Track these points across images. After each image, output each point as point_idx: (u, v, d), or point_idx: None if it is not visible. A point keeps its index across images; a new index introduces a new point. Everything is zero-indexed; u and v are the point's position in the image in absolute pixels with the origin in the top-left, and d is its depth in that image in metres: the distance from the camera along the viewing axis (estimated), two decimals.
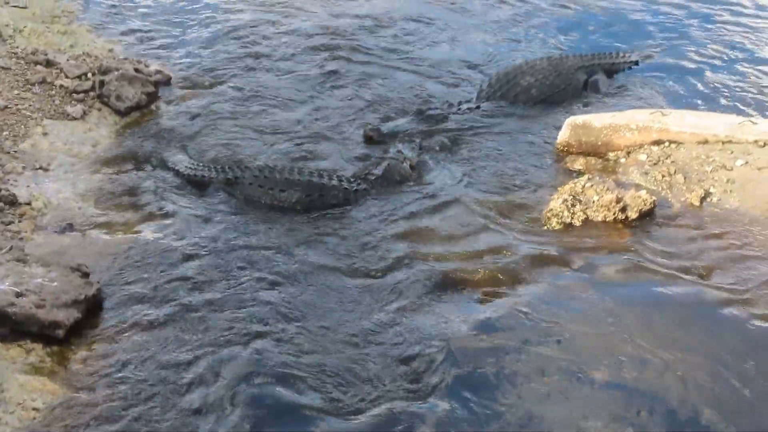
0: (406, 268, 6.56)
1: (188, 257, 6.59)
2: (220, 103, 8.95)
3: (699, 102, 9.19)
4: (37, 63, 8.86)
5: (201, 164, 7.76)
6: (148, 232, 6.86)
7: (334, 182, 7.44)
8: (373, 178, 7.67)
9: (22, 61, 8.86)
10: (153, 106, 8.81)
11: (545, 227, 7.03)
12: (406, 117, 8.86)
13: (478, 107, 9.05)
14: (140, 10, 11.01)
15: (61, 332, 5.67)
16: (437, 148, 8.30)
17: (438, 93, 9.52)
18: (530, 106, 9.17)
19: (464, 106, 9.04)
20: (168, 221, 7.04)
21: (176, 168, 7.74)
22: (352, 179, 7.60)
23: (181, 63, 9.75)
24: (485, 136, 8.62)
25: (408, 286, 6.36)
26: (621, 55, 10.12)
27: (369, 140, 8.46)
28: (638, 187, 7.40)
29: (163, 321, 5.94)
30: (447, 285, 6.38)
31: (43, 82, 8.61)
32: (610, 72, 9.93)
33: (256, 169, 7.54)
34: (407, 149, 8.10)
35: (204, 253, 6.66)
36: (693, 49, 10.48)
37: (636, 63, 10.12)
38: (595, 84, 9.61)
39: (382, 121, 8.79)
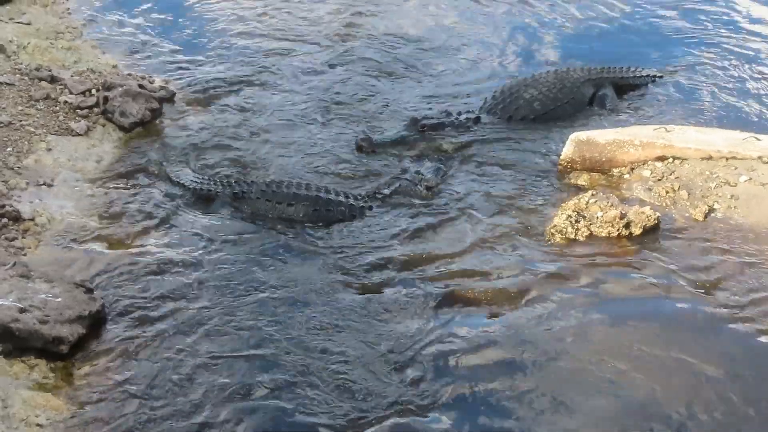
0: (409, 284, 6.56)
1: (193, 272, 6.60)
2: (224, 118, 8.93)
3: (707, 118, 9.06)
4: (41, 79, 8.87)
5: (207, 178, 7.77)
6: (152, 247, 6.87)
7: (341, 198, 7.45)
8: (380, 196, 7.66)
9: (26, 77, 8.87)
10: (157, 122, 8.80)
11: (549, 243, 7.02)
12: (400, 127, 8.83)
13: (477, 118, 8.95)
14: (145, 26, 11.01)
15: (64, 348, 5.67)
16: (440, 163, 8.27)
17: (441, 105, 9.45)
18: (531, 119, 9.03)
19: (463, 117, 8.94)
20: (173, 236, 7.06)
21: (181, 182, 7.74)
22: (358, 196, 7.60)
23: (185, 79, 9.74)
24: (488, 150, 8.58)
25: (410, 302, 6.35)
26: (633, 69, 9.86)
27: (360, 150, 8.45)
28: (642, 203, 7.40)
29: (167, 336, 5.95)
30: (449, 301, 6.38)
31: (47, 98, 8.62)
32: (621, 86, 9.68)
33: (263, 183, 7.55)
34: (431, 171, 7.99)
35: (209, 268, 6.67)
36: (706, 63, 10.29)
37: (657, 77, 9.87)
38: (601, 99, 9.42)
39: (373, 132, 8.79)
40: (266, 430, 5.25)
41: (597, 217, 7.05)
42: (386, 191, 7.72)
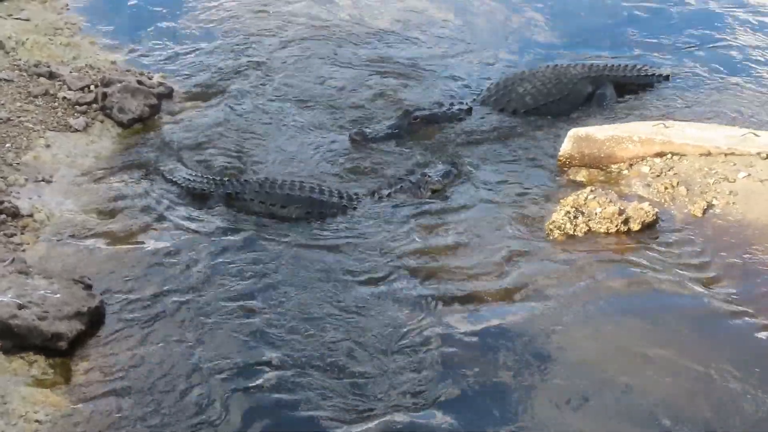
0: (405, 281, 6.56)
1: (189, 268, 6.61)
2: (222, 115, 8.93)
3: (707, 114, 8.99)
4: (39, 75, 8.87)
5: (201, 176, 7.75)
6: (149, 244, 6.88)
7: (335, 199, 7.42)
8: (378, 197, 7.64)
9: (25, 74, 8.87)
10: (155, 118, 8.81)
11: (548, 239, 7.03)
12: (393, 119, 8.82)
13: (470, 109, 8.93)
14: (143, 22, 11.01)
15: (63, 344, 5.68)
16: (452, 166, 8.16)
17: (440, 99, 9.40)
18: (522, 113, 8.98)
19: (455, 108, 8.92)
20: (171, 232, 7.07)
21: (176, 180, 7.74)
22: (353, 196, 7.58)
23: (183, 75, 9.74)
24: (484, 145, 8.58)
25: (407, 299, 6.35)
26: (638, 68, 9.67)
27: (354, 144, 8.44)
28: (641, 199, 7.40)
29: (165, 332, 5.96)
30: (447, 298, 6.38)
31: (45, 94, 8.62)
32: (624, 85, 9.49)
33: (256, 183, 7.51)
34: (439, 174, 7.88)
35: (207, 264, 6.67)
36: (708, 61, 10.22)
37: (665, 77, 9.67)
38: (599, 97, 9.28)
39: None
40: (267, 424, 5.26)
41: (596, 213, 7.06)
42: (385, 192, 7.69)
